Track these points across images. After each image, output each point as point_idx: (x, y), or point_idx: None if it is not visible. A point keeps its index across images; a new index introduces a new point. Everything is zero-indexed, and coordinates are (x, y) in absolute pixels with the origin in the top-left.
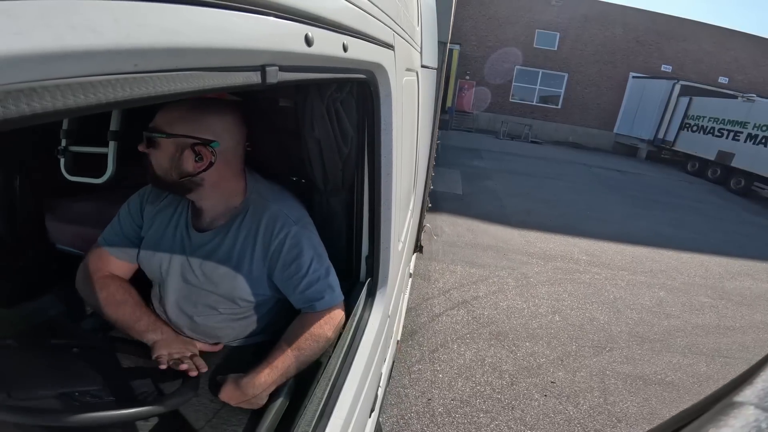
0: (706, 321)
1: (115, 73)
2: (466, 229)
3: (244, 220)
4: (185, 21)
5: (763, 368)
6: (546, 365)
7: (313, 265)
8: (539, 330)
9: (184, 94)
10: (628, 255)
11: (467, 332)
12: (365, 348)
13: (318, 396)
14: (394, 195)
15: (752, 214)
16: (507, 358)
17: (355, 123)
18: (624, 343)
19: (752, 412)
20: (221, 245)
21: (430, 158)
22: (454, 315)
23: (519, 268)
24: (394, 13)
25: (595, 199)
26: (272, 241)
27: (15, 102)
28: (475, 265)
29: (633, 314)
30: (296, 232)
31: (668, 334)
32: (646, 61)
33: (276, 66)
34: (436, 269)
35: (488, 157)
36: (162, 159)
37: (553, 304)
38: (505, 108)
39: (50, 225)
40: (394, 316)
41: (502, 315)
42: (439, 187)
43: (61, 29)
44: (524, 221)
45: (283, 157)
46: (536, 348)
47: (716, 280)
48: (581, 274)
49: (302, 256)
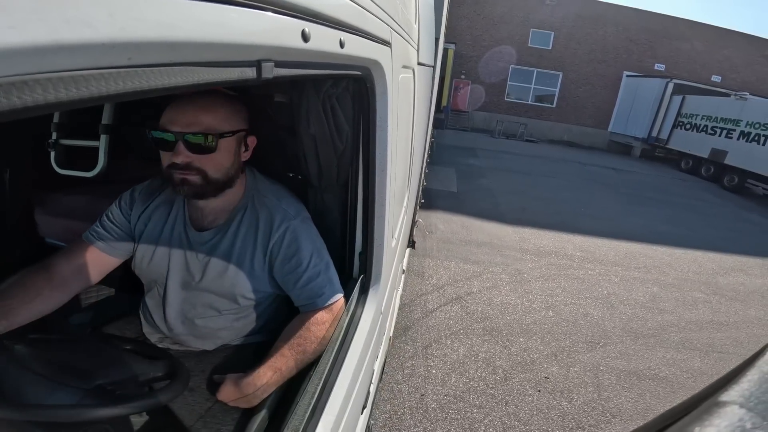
0: (699, 316)
1: (108, 67)
2: (461, 226)
3: (244, 217)
4: (181, 15)
5: (747, 368)
6: (540, 360)
7: (313, 260)
8: (533, 325)
9: (178, 88)
10: (622, 251)
11: (461, 328)
12: (358, 345)
13: (310, 392)
14: (389, 192)
15: (746, 211)
16: (500, 353)
17: (350, 119)
18: (618, 338)
19: (737, 412)
20: (222, 242)
21: (424, 155)
22: (447, 311)
23: (513, 264)
24: (392, 9)
25: (589, 197)
26: (272, 235)
27: (6, 95)
28: (469, 262)
29: (627, 309)
30: (295, 227)
31: (662, 329)
32: (640, 60)
33: (272, 61)
34: (430, 265)
35: (483, 156)
36: (223, 159)
37: (547, 300)
38: (501, 107)
39: (40, 219)
40: (387, 312)
41: (496, 311)
42: (434, 184)
43: (55, 23)
44: (519, 218)
45: (277, 153)
46: (530, 343)
47: (710, 275)
48: (575, 270)
49: (302, 251)
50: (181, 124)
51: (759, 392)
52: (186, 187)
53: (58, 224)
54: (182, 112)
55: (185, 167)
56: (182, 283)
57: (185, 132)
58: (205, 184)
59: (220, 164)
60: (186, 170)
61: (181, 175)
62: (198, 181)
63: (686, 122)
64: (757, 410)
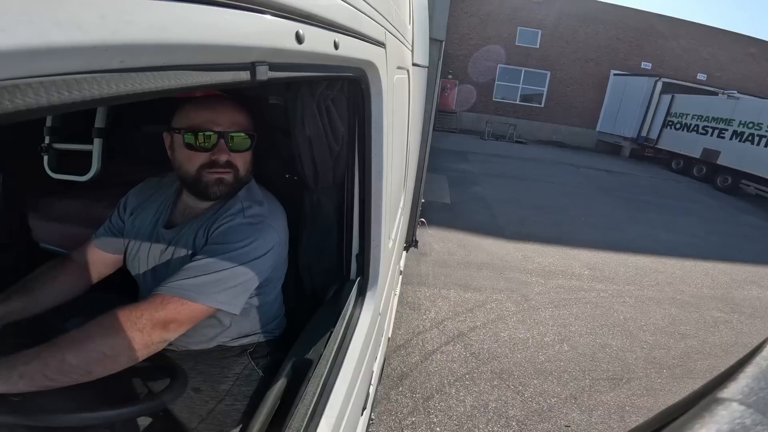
0: (723, 339)
1: (100, 70)
2: (458, 245)
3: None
4: (174, 17)
5: (746, 365)
6: (558, 406)
7: (214, 259)
8: (547, 363)
9: (171, 91)
10: (632, 266)
11: (466, 372)
12: (356, 346)
13: (309, 395)
14: (385, 193)
15: (743, 213)
16: (513, 400)
17: (345, 121)
18: (641, 371)
19: (736, 408)
20: (181, 238)
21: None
22: (449, 351)
23: (518, 290)
24: (386, 11)
25: (587, 203)
26: (214, 225)
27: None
28: (469, 289)
29: (647, 336)
30: (239, 223)
31: (687, 356)
32: (627, 59)
33: (266, 63)
34: (427, 296)
35: (474, 160)
36: (249, 158)
37: (560, 331)
38: (489, 107)
39: (34, 223)
40: (384, 313)
41: (504, 348)
42: (425, 195)
43: (46, 26)
44: (518, 232)
45: (273, 155)
46: (546, 386)
47: (724, 290)
48: (586, 293)
49: (222, 244)
50: (224, 124)
51: (758, 388)
52: (222, 186)
53: (53, 229)
54: (220, 112)
55: (225, 165)
56: (157, 280)
57: (228, 131)
58: (235, 182)
59: (248, 162)
60: (225, 169)
61: (218, 175)
62: (231, 180)
63: (676, 122)
64: (757, 407)
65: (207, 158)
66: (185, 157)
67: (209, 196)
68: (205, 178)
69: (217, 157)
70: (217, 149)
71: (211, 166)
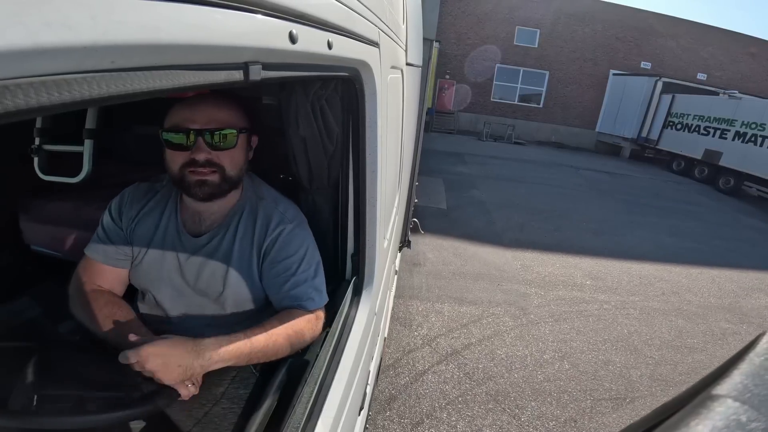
0: (731, 352)
1: (91, 70)
2: (453, 254)
3: (242, 219)
4: (165, 18)
5: (739, 361)
6: (557, 430)
7: (302, 265)
8: (546, 383)
9: (163, 91)
10: (635, 275)
11: (458, 394)
12: (353, 346)
13: (306, 395)
14: (379, 193)
15: (747, 216)
16: (509, 426)
17: (339, 120)
18: (646, 389)
19: (731, 405)
20: (221, 246)
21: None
22: (441, 372)
23: (516, 302)
24: (380, 10)
25: (588, 207)
26: (266, 237)
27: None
28: (465, 302)
29: (652, 351)
30: (290, 231)
31: (694, 372)
32: (626, 58)
33: (259, 63)
34: (419, 310)
35: (472, 162)
36: (239, 155)
37: (560, 347)
38: (487, 107)
39: (24, 225)
40: (380, 313)
41: (501, 367)
42: (421, 200)
43: (35, 26)
44: (517, 239)
45: (267, 155)
46: (544, 408)
47: (732, 299)
48: (588, 305)
49: (292, 255)
50: (201, 121)
51: (752, 385)
52: (205, 187)
53: (44, 231)
54: (198, 110)
55: (205, 164)
56: (177, 289)
57: (206, 129)
58: (222, 182)
59: (237, 161)
60: (205, 168)
61: (199, 176)
62: (216, 180)
63: (677, 122)
64: (752, 403)
65: (187, 157)
66: (169, 157)
67: (196, 196)
68: (188, 179)
69: (196, 156)
70: (196, 148)
71: (191, 165)
